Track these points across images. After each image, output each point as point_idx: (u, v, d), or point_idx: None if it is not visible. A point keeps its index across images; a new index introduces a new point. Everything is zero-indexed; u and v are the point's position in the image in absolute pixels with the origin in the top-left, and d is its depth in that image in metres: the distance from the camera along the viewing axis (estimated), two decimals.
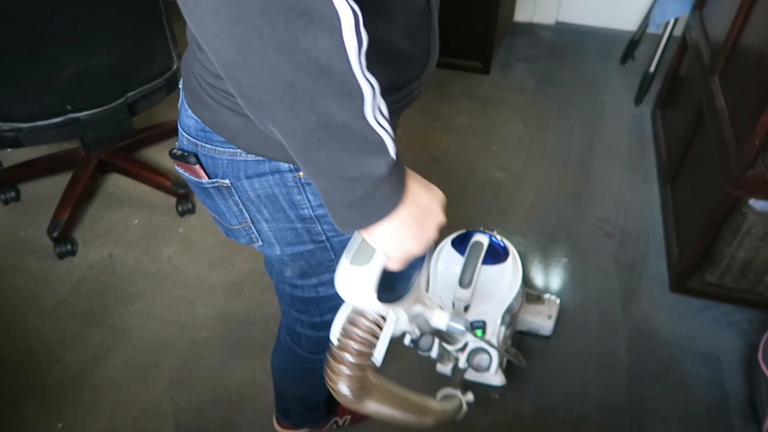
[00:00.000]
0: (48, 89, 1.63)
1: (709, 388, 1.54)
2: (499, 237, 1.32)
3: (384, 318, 0.68)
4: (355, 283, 0.64)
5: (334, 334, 0.69)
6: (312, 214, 0.81)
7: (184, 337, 1.64)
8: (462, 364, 1.25)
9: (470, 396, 1.15)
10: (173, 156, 0.81)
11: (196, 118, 0.76)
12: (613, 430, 1.46)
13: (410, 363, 1.54)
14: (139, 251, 1.87)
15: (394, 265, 0.65)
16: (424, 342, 1.18)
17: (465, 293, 1.16)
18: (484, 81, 2.68)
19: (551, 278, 1.82)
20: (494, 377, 1.29)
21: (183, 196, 1.97)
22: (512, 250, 1.32)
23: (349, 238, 0.67)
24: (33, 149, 2.13)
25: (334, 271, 0.71)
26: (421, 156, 2.26)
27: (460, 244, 1.28)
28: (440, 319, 0.83)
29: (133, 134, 1.99)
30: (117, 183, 2.10)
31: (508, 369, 1.56)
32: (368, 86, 0.51)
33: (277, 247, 0.86)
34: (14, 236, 1.92)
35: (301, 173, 0.76)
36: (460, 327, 0.84)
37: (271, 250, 0.87)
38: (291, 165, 0.76)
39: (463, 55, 2.71)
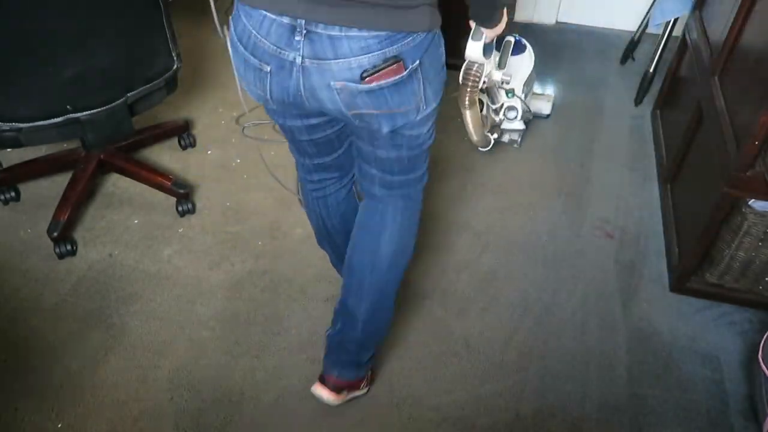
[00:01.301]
0: (48, 89, 1.63)
1: (709, 388, 1.54)
2: (519, 36, 2.08)
3: (483, 65, 1.50)
4: (473, 48, 1.46)
5: (461, 78, 1.55)
6: (445, 57, 1.12)
7: (184, 337, 1.64)
8: (500, 117, 2.10)
9: (495, 136, 2.11)
10: (369, 75, 0.99)
11: (374, 32, 0.96)
12: (613, 430, 1.46)
13: None
14: (139, 251, 1.87)
15: (489, 39, 1.41)
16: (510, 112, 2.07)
17: (505, 74, 1.76)
18: None
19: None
20: (518, 123, 2.15)
21: (183, 196, 1.97)
22: (528, 46, 2.12)
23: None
24: (33, 149, 2.12)
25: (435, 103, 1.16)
26: None
27: (497, 44, 1.80)
28: (497, 75, 1.74)
29: (133, 134, 1.99)
30: (117, 183, 2.10)
31: (507, 368, 1.56)
32: None
33: (434, 101, 1.13)
34: (14, 236, 1.92)
35: (436, 31, 1.06)
36: (507, 77, 1.74)
37: (430, 106, 1.12)
38: (436, 30, 1.05)
39: (462, 56, 2.70)
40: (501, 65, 1.81)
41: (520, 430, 1.46)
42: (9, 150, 2.15)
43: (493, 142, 2.03)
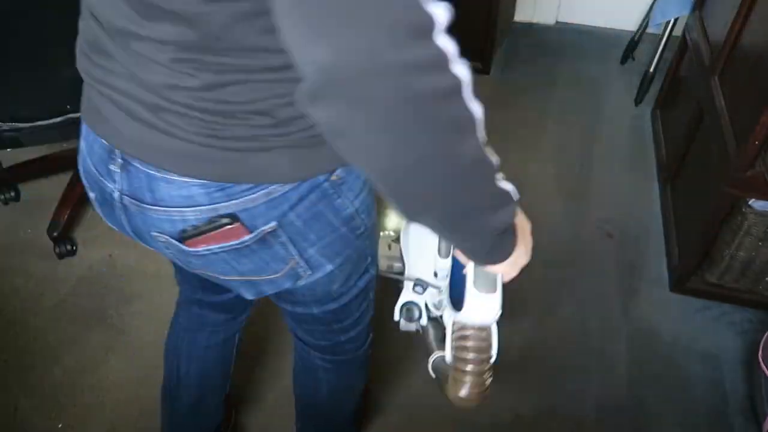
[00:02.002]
0: (48, 89, 1.63)
1: (709, 388, 1.54)
2: None
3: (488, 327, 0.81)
4: (487, 308, 0.77)
5: (448, 354, 0.86)
6: (353, 209, 0.79)
7: None
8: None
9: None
10: (188, 236, 0.72)
11: (201, 181, 0.68)
12: (613, 430, 1.46)
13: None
14: (139, 251, 1.87)
15: (508, 278, 0.80)
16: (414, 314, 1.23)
17: (446, 261, 1.12)
18: (484, 81, 2.68)
19: None
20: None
21: None
22: None
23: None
24: (33, 149, 2.12)
25: (369, 256, 0.90)
26: None
27: None
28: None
29: None
30: None
31: (507, 368, 1.55)
32: (492, 156, 0.61)
33: (327, 265, 0.82)
34: (14, 236, 1.92)
35: (335, 176, 0.74)
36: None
37: (321, 271, 0.82)
38: (326, 174, 0.73)
39: (462, 56, 2.68)
40: (441, 252, 1.11)
41: (520, 430, 1.46)
42: (9, 150, 2.14)
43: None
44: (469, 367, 0.81)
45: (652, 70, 2.44)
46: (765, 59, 1.40)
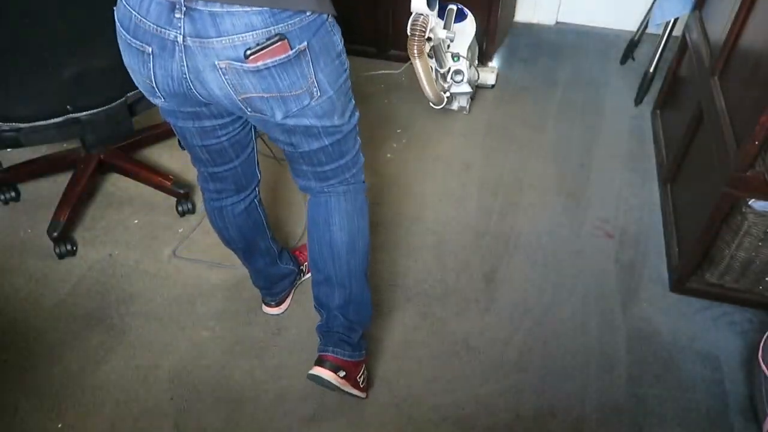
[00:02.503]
0: (48, 89, 1.63)
1: (709, 388, 1.54)
2: (461, 5, 2.21)
3: (428, 16, 1.77)
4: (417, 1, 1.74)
5: (408, 29, 1.79)
6: (341, 47, 1.09)
7: (184, 337, 1.64)
8: (448, 78, 2.25)
9: (448, 94, 2.28)
10: (253, 52, 0.95)
11: (257, 9, 0.92)
12: (613, 430, 1.46)
13: None
14: (139, 251, 1.87)
15: None
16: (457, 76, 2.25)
17: (449, 33, 2.07)
18: None
19: None
20: (465, 86, 2.30)
21: (183, 196, 1.97)
22: (470, 14, 2.25)
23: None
24: (33, 149, 2.13)
25: (352, 98, 1.20)
26: (421, 156, 2.26)
27: (442, 12, 2.08)
28: (442, 33, 2.02)
29: (133, 134, 1.99)
30: (117, 183, 2.10)
31: (507, 368, 1.56)
32: None
33: (329, 88, 1.08)
34: (14, 236, 1.92)
35: (330, 18, 1.03)
36: (451, 34, 2.08)
37: (326, 94, 1.08)
38: (327, 14, 1.02)
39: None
40: (447, 27, 2.05)
41: (520, 430, 1.46)
42: (9, 150, 2.15)
43: (446, 99, 2.21)
44: (409, 31, 1.77)
45: (652, 70, 2.44)
46: (765, 59, 1.40)
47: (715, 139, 1.57)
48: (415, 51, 1.76)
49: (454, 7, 2.11)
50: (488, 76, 2.56)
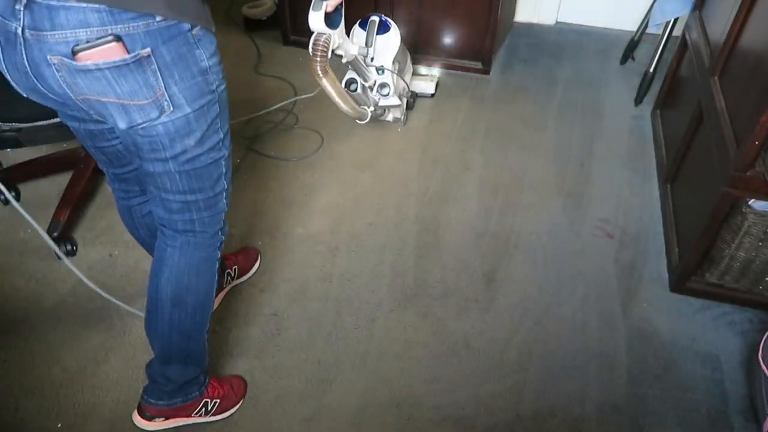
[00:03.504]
0: None
1: (709, 388, 1.54)
2: (385, 17, 2.11)
3: (330, 35, 1.60)
4: (314, 19, 1.53)
5: (310, 48, 1.61)
6: (207, 65, 1.02)
7: None
8: (374, 93, 2.17)
9: (372, 108, 2.14)
10: (81, 50, 0.89)
11: (96, 6, 0.87)
12: (613, 430, 1.46)
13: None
14: (139, 251, 1.87)
15: (330, 8, 1.52)
16: (352, 86, 2.06)
17: (369, 50, 1.99)
18: (484, 81, 2.69)
19: None
20: (393, 99, 2.20)
21: None
22: (394, 25, 2.14)
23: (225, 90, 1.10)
24: (33, 149, 2.12)
25: (221, 132, 1.11)
26: (421, 156, 2.26)
27: (364, 24, 2.06)
28: (353, 49, 1.87)
29: None
30: None
31: (507, 368, 1.56)
32: None
33: (186, 106, 1.01)
34: (14, 236, 1.92)
35: (195, 31, 0.97)
36: (364, 49, 1.96)
37: (181, 111, 1.01)
38: (189, 25, 0.95)
39: (463, 56, 2.71)
40: (368, 43, 1.99)
41: (520, 430, 1.46)
42: (9, 150, 2.15)
43: (370, 115, 2.09)
44: (311, 51, 1.61)
45: (652, 70, 2.44)
46: (765, 59, 1.40)
47: (715, 139, 1.57)
48: (319, 71, 1.62)
49: (376, 18, 2.02)
50: (427, 85, 2.53)
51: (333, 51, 1.66)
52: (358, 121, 2.09)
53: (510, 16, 3.03)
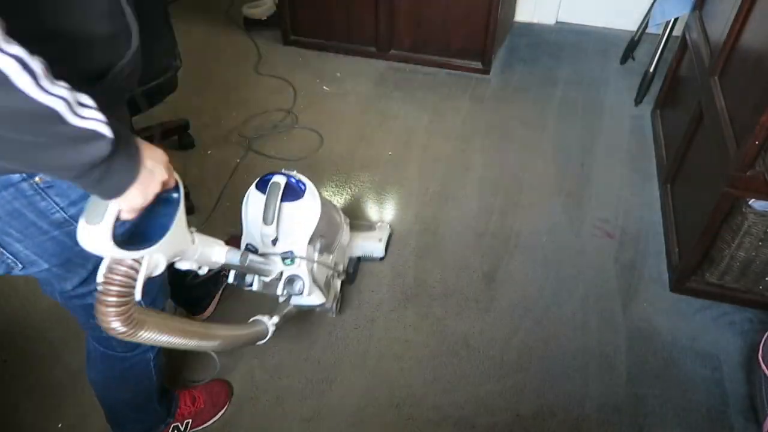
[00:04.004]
0: None
1: (709, 388, 1.54)
2: (297, 176, 1.34)
3: (139, 262, 0.81)
4: (92, 238, 0.75)
5: (98, 280, 0.80)
6: (65, 216, 0.82)
7: None
8: (279, 291, 1.35)
9: (275, 319, 1.31)
10: None
11: None
12: (613, 430, 1.46)
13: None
14: None
15: (128, 216, 0.76)
16: (246, 279, 1.33)
17: (269, 229, 1.29)
18: (484, 81, 2.69)
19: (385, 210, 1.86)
20: (313, 298, 1.44)
21: None
22: (310, 186, 1.35)
23: None
24: None
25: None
26: (422, 156, 2.26)
27: (263, 187, 1.32)
28: (219, 255, 1.03)
29: (134, 133, 1.99)
30: None
31: (507, 368, 1.56)
32: (59, 100, 0.58)
33: (42, 263, 0.86)
34: None
35: (38, 178, 0.78)
36: (236, 259, 1.07)
37: (37, 267, 0.86)
38: (23, 174, 0.76)
39: (463, 56, 2.71)
40: (266, 220, 1.28)
41: (520, 430, 1.46)
42: None
43: (272, 329, 1.31)
44: (109, 296, 0.80)
45: (652, 70, 2.44)
46: (765, 59, 1.40)
47: (715, 139, 1.57)
48: (121, 327, 0.82)
49: (280, 180, 1.29)
50: (374, 246, 1.82)
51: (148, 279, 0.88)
52: (257, 342, 1.29)
53: (510, 16, 3.03)
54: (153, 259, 0.84)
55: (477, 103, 2.54)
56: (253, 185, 1.34)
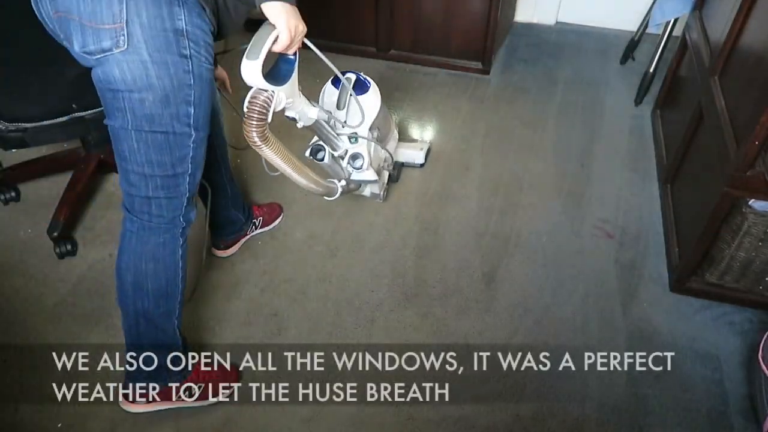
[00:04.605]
0: (53, 88, 1.63)
1: (709, 388, 1.54)
2: (364, 75, 1.73)
3: (272, 93, 1.20)
4: (250, 70, 1.13)
5: (245, 105, 1.18)
6: (184, 27, 0.98)
7: None
8: (345, 165, 1.74)
9: (343, 182, 1.71)
10: None
11: None
12: (613, 430, 1.46)
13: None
14: None
15: (285, 42, 1.11)
16: (319, 154, 1.65)
17: (340, 113, 1.67)
18: (484, 81, 2.69)
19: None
20: (368, 173, 1.78)
21: None
22: (373, 85, 1.75)
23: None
24: (33, 149, 2.12)
25: (193, 107, 1.06)
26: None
27: (337, 83, 1.69)
28: (311, 111, 1.43)
29: None
30: (117, 183, 2.09)
31: (507, 368, 1.56)
32: None
33: (144, 51, 0.97)
34: (14, 236, 1.92)
35: None
36: (324, 116, 1.51)
37: (136, 54, 0.97)
38: None
39: (463, 56, 2.71)
40: (340, 106, 1.66)
41: (520, 430, 1.46)
42: (14, 150, 2.14)
43: (340, 190, 1.68)
44: (253, 115, 1.19)
45: (652, 70, 2.44)
46: (765, 59, 1.40)
47: (715, 139, 1.57)
48: (256, 139, 1.23)
49: (352, 76, 1.68)
50: (415, 154, 2.17)
51: (282, 112, 1.35)
52: (325, 197, 1.68)
53: (510, 16, 3.03)
54: (279, 96, 1.23)
55: (477, 104, 2.54)
56: (329, 81, 1.72)
